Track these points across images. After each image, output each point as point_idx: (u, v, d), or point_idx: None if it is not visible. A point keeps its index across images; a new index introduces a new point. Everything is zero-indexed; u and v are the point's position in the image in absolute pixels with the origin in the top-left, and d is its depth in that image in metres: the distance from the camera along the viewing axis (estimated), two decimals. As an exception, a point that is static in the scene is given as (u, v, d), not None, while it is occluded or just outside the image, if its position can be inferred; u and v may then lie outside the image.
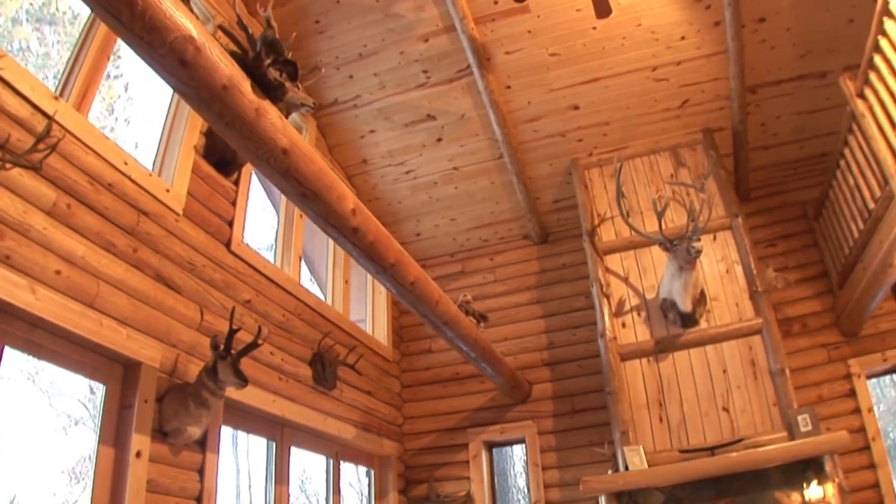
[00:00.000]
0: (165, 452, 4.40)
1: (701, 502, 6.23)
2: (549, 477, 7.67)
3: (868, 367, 7.40)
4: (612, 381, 6.89)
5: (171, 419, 4.38)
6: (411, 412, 8.28)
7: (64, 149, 3.88)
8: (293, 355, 6.05)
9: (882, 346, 7.39)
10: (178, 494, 4.47)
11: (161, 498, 4.32)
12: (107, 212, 4.19)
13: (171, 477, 4.42)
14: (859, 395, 7.28)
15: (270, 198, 7.24)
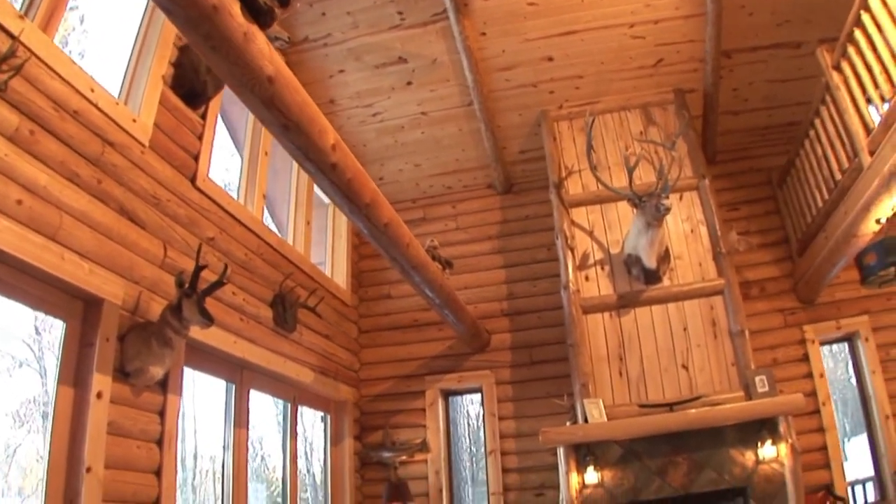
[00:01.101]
0: (126, 394, 4.17)
1: (658, 457, 6.24)
2: (506, 427, 7.62)
3: (822, 334, 7.52)
4: (573, 333, 6.82)
5: (132, 359, 4.14)
6: (368, 358, 8.12)
7: (28, 72, 3.55)
8: (254, 296, 5.83)
9: (837, 315, 7.50)
10: (138, 437, 4.25)
11: (122, 441, 4.10)
12: (71, 140, 3.88)
13: (131, 419, 4.20)
14: (812, 360, 7.40)
15: (234, 139, 6.90)
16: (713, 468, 6.18)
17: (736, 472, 6.16)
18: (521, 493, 7.41)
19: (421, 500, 7.49)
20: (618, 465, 6.28)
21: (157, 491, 4.36)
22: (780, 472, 6.09)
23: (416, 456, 7.68)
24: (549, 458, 7.29)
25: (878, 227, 5.89)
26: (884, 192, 5.43)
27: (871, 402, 7.35)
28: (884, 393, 7.24)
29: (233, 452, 5.57)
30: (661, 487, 6.19)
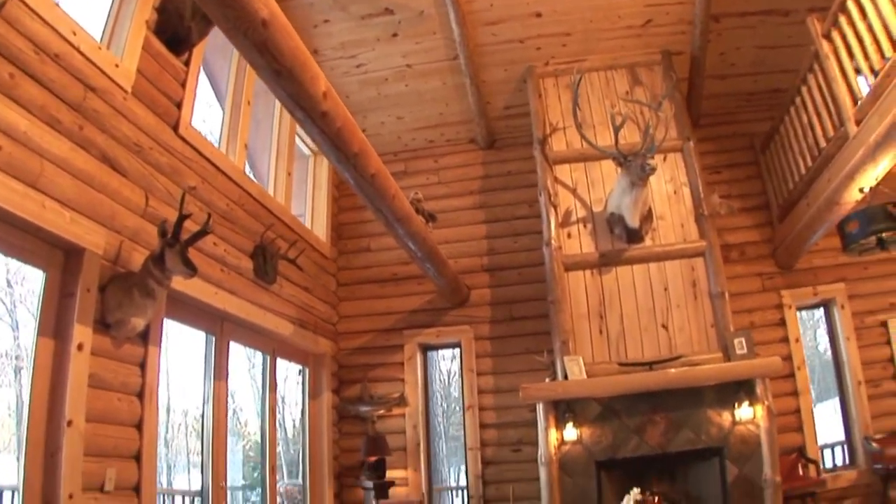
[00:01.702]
0: (107, 345, 4.05)
1: (636, 416, 6.25)
2: (484, 383, 7.60)
3: (799, 300, 7.58)
4: (554, 290, 6.76)
5: (114, 310, 4.01)
6: (347, 311, 8.02)
7: (8, 13, 3.34)
8: (235, 247, 5.69)
9: (814, 281, 7.58)
10: (119, 390, 4.14)
11: (103, 394, 3.98)
12: (52, 85, 3.68)
13: (112, 371, 4.08)
14: (789, 325, 7.47)
15: (215, 89, 6.65)
16: (690, 428, 6.20)
17: (713, 433, 6.19)
18: (499, 449, 7.42)
19: (398, 454, 7.47)
20: (596, 423, 6.28)
21: (139, 444, 4.26)
22: (755, 434, 6.14)
23: (393, 410, 7.64)
24: (527, 415, 7.28)
25: (862, 195, 5.89)
26: (869, 161, 5.43)
27: (844, 369, 7.44)
28: (857, 359, 7.33)
29: (212, 406, 5.46)
30: (639, 446, 6.21)
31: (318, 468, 7.24)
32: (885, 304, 7.52)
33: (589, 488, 6.17)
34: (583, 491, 6.16)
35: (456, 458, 11.67)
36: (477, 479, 7.37)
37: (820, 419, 7.43)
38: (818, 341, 10.84)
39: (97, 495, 3.84)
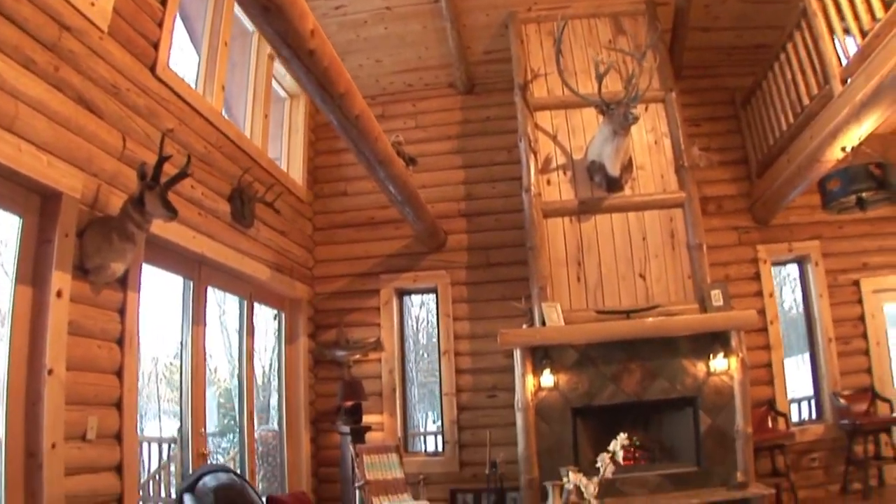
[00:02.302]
0: (86, 292, 3.90)
1: (613, 364, 6.26)
2: (460, 328, 7.55)
3: (774, 255, 7.62)
4: (533, 236, 6.69)
5: (93, 255, 3.85)
6: (323, 255, 7.88)
7: (-23, -53, 3.12)
8: (213, 190, 5.51)
9: (789, 238, 7.62)
10: (99, 337, 4.01)
11: (82, 341, 3.85)
12: (26, 24, 3.44)
13: (92, 318, 3.94)
14: (763, 279, 7.53)
15: (189, 31, 6.35)
16: (666, 377, 6.24)
17: (687, 382, 6.23)
18: (474, 395, 7.42)
19: (374, 399, 7.43)
20: (573, 370, 6.28)
21: (119, 392, 4.15)
22: (729, 385, 6.19)
23: (370, 355, 7.59)
24: (503, 361, 7.28)
25: (843, 154, 5.89)
26: (853, 121, 5.43)
27: (815, 325, 7.55)
28: (829, 317, 7.44)
29: (191, 351, 5.34)
30: (615, 393, 6.24)
31: (294, 413, 7.18)
32: (858, 264, 7.62)
33: (565, 435, 6.20)
34: (559, 437, 6.18)
35: (423, 405, 11.69)
36: (452, 425, 7.38)
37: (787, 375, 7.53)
38: (783, 298, 10.93)
39: (80, 444, 3.75)
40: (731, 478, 5.98)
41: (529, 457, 6.12)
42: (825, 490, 7.20)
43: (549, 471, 6.05)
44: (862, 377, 7.42)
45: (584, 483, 3.34)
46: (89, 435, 3.83)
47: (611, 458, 3.38)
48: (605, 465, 3.35)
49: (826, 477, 7.23)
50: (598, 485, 3.33)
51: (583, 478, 3.38)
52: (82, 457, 3.76)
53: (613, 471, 3.42)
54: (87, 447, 3.81)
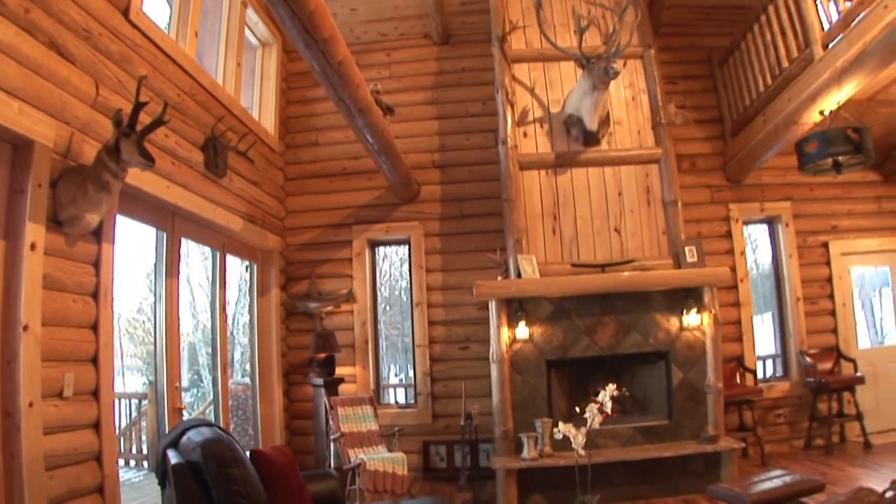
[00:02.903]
0: (60, 244, 3.72)
1: (587, 317, 6.23)
2: (433, 280, 7.44)
3: (746, 214, 7.66)
4: (509, 188, 6.58)
5: (67, 206, 3.65)
6: (294, 206, 7.66)
7: None
8: (186, 139, 5.27)
9: (761, 197, 7.66)
10: (74, 290, 3.83)
11: (58, 295, 3.68)
12: (-6, -36, 3.19)
13: (67, 271, 3.76)
14: (735, 238, 7.58)
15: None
16: (639, 331, 6.23)
17: (660, 337, 6.24)
18: (447, 346, 7.36)
19: (347, 351, 7.33)
20: (548, 323, 6.24)
21: (95, 347, 3.99)
22: (701, 340, 6.22)
23: (342, 307, 7.45)
24: (475, 313, 7.24)
25: (821, 118, 5.90)
26: (833, 85, 5.44)
27: (784, 284, 7.65)
28: (797, 277, 7.55)
29: (165, 304, 5.16)
30: (589, 346, 6.22)
31: (267, 366, 7.03)
32: (827, 226, 7.74)
33: (539, 387, 6.18)
34: (533, 389, 6.16)
35: (386, 358, 11.63)
36: (425, 377, 7.32)
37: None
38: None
39: (56, 402, 3.60)
40: (702, 431, 6.04)
41: (504, 409, 6.09)
42: (789, 445, 7.37)
43: (522, 423, 6.05)
44: (827, 337, 7.57)
45: (573, 433, 3.28)
46: (66, 392, 3.68)
47: (599, 409, 3.32)
48: (593, 416, 3.30)
49: (790, 432, 7.39)
50: (587, 434, 3.27)
51: (572, 428, 3.32)
52: (59, 415, 3.61)
53: (601, 421, 3.35)
54: (64, 405, 3.66)
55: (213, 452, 2.99)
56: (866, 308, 9.10)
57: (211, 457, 2.97)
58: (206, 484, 2.98)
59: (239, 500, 2.96)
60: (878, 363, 7.68)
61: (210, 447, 3.01)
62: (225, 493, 2.94)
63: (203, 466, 2.97)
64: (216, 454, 2.99)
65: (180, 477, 2.95)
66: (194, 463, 3.02)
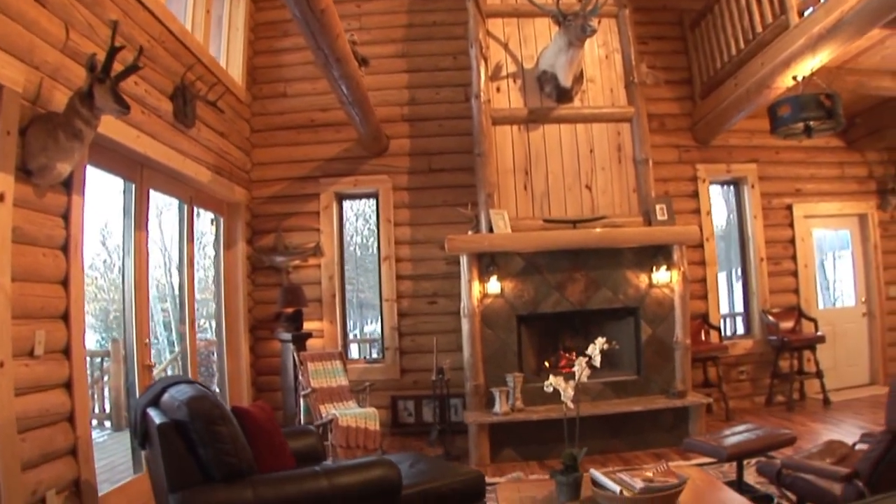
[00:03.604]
0: (30, 195, 3.52)
1: (558, 272, 6.21)
2: (401, 234, 7.32)
3: (713, 175, 7.71)
4: (481, 143, 6.48)
5: (37, 154, 3.45)
6: (261, 158, 7.41)
7: None
8: (156, 87, 5.03)
9: (728, 159, 7.72)
10: (44, 244, 3.65)
11: (28, 249, 3.49)
12: None
13: (37, 224, 3.57)
14: (701, 198, 7.63)
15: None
16: (609, 287, 6.23)
17: (630, 293, 6.25)
18: (414, 301, 7.27)
19: (314, 305, 7.20)
20: (519, 278, 6.20)
21: (66, 303, 3.82)
22: (669, 297, 6.26)
23: (309, 261, 7.30)
24: (443, 267, 7.18)
25: (794, 83, 5.91)
26: (808, 52, 5.45)
27: (748, 245, 7.76)
28: (762, 237, 7.67)
29: (133, 257, 4.96)
30: (560, 302, 6.20)
31: (233, 321, 6.87)
32: (791, 189, 7.86)
33: (510, 341, 6.16)
34: (504, 344, 6.14)
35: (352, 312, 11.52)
36: (393, 331, 7.23)
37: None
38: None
39: (27, 361, 3.44)
40: (670, 386, 6.10)
41: (475, 363, 6.06)
42: (751, 401, 7.53)
43: (493, 377, 6.04)
44: (789, 296, 7.72)
45: (563, 386, 3.24)
46: (37, 350, 3.51)
47: (588, 363, 3.28)
48: (581, 369, 3.26)
49: (752, 389, 7.56)
50: (575, 388, 3.23)
51: (562, 381, 3.28)
52: (31, 375, 3.45)
53: (588, 375, 3.32)
54: (35, 364, 3.49)
55: (200, 410, 2.87)
56: (819, 271, 9.28)
57: (198, 415, 2.85)
58: (193, 443, 2.86)
59: (227, 458, 2.86)
60: (836, 323, 7.89)
61: (196, 405, 2.88)
62: (213, 452, 2.84)
63: (190, 425, 2.85)
64: (203, 412, 2.87)
65: (166, 437, 2.83)
66: (180, 422, 2.89)
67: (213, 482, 2.82)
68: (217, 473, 2.83)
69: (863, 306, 8.19)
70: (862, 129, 7.79)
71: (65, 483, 3.67)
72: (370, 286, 10.52)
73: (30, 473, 3.34)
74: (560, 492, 3.17)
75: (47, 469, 3.51)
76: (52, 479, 3.53)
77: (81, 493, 3.81)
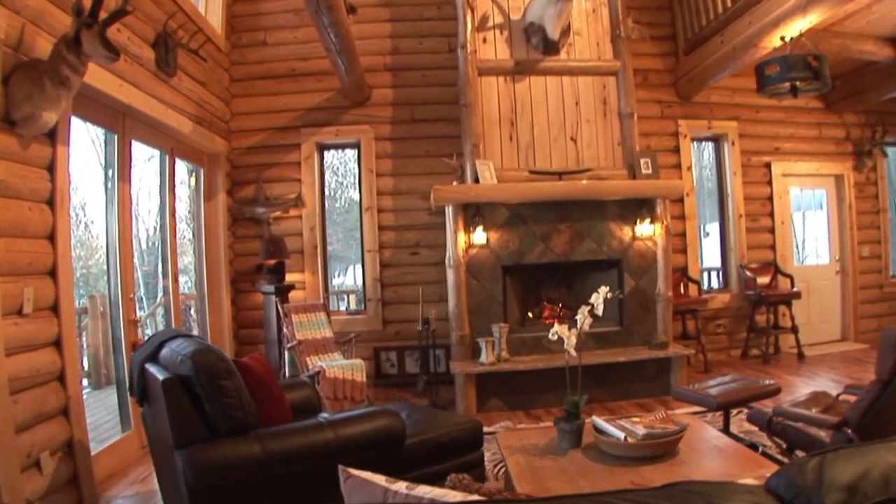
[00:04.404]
0: (14, 146, 3.40)
1: (543, 223, 6.20)
2: (383, 184, 7.23)
3: (694, 131, 7.71)
4: (467, 93, 6.38)
5: (21, 104, 3.32)
6: (240, 108, 7.21)
7: None
8: (138, 35, 4.86)
9: (709, 116, 7.72)
10: (29, 198, 3.53)
11: (13, 203, 3.39)
12: None
13: (21, 176, 3.46)
14: (683, 153, 7.64)
15: None
16: (594, 239, 6.23)
17: (614, 245, 6.26)
18: (397, 251, 7.23)
19: (296, 256, 7.11)
20: (504, 228, 6.18)
21: (53, 258, 3.73)
22: (652, 250, 6.28)
23: (290, 212, 7.19)
24: (425, 218, 7.14)
25: (782, 43, 5.89)
26: (798, 13, 5.42)
27: (727, 201, 7.83)
28: (740, 194, 7.75)
29: (117, 210, 4.83)
30: (545, 253, 6.19)
31: (215, 274, 6.77)
32: (770, 148, 7.93)
33: (495, 292, 6.16)
34: (489, 294, 6.13)
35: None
36: (375, 282, 7.19)
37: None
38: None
39: (16, 319, 3.36)
40: (652, 338, 6.16)
41: (461, 314, 6.06)
42: (727, 354, 7.69)
43: (478, 328, 6.04)
44: (766, 252, 7.84)
45: (567, 334, 3.24)
46: (26, 309, 3.42)
47: (590, 311, 3.28)
48: (583, 318, 3.25)
49: (729, 342, 7.70)
50: (578, 336, 3.23)
51: (565, 329, 3.27)
52: (20, 333, 3.37)
53: (591, 324, 3.32)
54: (24, 322, 3.42)
55: (205, 364, 2.80)
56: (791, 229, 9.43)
57: (203, 369, 2.79)
58: (197, 398, 2.80)
59: (234, 412, 2.82)
60: (810, 280, 8.05)
61: (201, 359, 2.81)
62: (219, 407, 2.79)
63: (195, 380, 2.78)
64: (208, 366, 2.81)
65: (171, 392, 2.76)
66: (184, 376, 2.82)
67: (219, 437, 2.78)
68: (223, 428, 2.78)
69: (836, 264, 8.36)
70: (841, 92, 7.83)
71: (58, 444, 3.63)
72: (338, 239, 10.47)
73: (24, 436, 3.28)
74: (562, 438, 3.20)
75: (40, 431, 3.46)
76: (45, 440, 3.48)
77: (75, 454, 3.77)
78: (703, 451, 3.08)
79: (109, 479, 4.35)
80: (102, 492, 4.11)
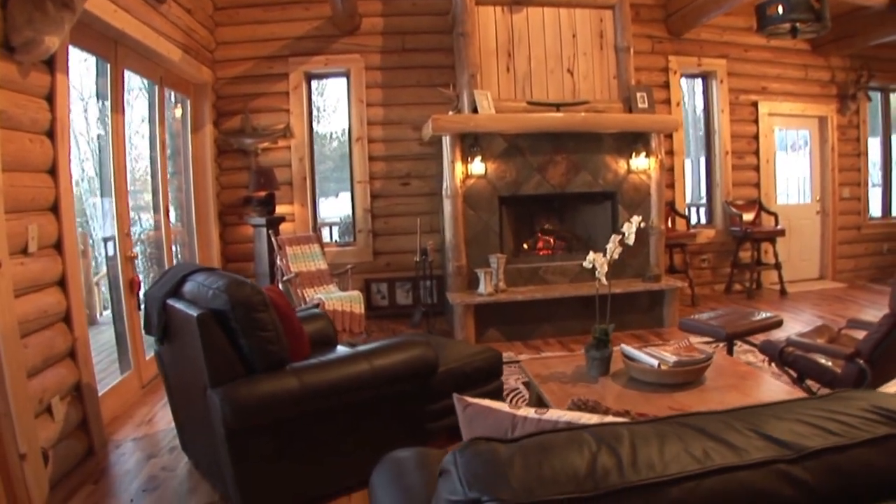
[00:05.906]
0: (13, 74, 3.17)
1: (540, 155, 6.13)
2: (373, 114, 7.05)
3: (684, 68, 7.63)
4: (465, 22, 6.19)
5: (22, 28, 3.08)
6: (226, 37, 6.89)
7: None
8: (126, -44, 4.58)
9: (699, 53, 7.64)
10: (29, 129, 3.32)
11: (14, 135, 3.17)
12: None
13: (21, 106, 3.24)
14: (672, 89, 7.56)
15: None
16: (589, 171, 6.17)
17: (608, 178, 6.22)
18: (387, 182, 7.10)
19: (285, 188, 6.94)
20: (501, 159, 6.10)
21: (55, 193, 3.53)
22: (646, 183, 6.27)
23: (278, 142, 6.98)
24: (416, 148, 7.03)
25: None
26: None
27: (714, 138, 7.83)
28: (727, 131, 7.76)
29: (112, 141, 4.62)
30: (541, 184, 6.13)
31: (203, 207, 6.57)
32: (758, 87, 7.91)
33: (492, 222, 6.10)
34: (486, 225, 6.08)
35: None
36: (366, 213, 7.07)
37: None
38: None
39: (22, 259, 3.16)
40: (645, 270, 6.16)
41: (458, 244, 6.01)
42: (711, 289, 7.81)
43: (475, 258, 5.99)
44: (751, 190, 7.92)
45: (601, 262, 3.23)
46: (31, 247, 3.22)
47: (620, 241, 3.26)
48: (614, 247, 3.23)
49: (713, 277, 7.81)
50: (609, 264, 3.21)
51: (600, 256, 3.26)
52: (27, 274, 3.19)
53: (620, 253, 3.30)
54: (30, 262, 3.22)
55: (243, 297, 2.69)
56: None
57: (240, 302, 2.67)
58: (233, 333, 2.70)
59: (269, 346, 2.74)
60: (792, 219, 8.16)
61: (237, 291, 2.69)
62: (257, 342, 2.70)
63: (230, 314, 2.67)
64: (246, 299, 2.69)
65: (207, 328, 2.64)
66: (217, 311, 2.71)
67: (255, 373, 2.69)
68: (260, 364, 2.70)
69: (817, 204, 8.47)
70: (829, 35, 7.74)
71: (67, 388, 3.50)
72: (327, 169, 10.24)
73: (34, 381, 3.14)
74: (591, 366, 3.23)
75: (50, 375, 3.32)
76: (55, 384, 3.35)
77: (84, 398, 3.65)
78: (728, 378, 3.09)
79: (115, 423, 4.23)
80: (109, 435, 3.99)
